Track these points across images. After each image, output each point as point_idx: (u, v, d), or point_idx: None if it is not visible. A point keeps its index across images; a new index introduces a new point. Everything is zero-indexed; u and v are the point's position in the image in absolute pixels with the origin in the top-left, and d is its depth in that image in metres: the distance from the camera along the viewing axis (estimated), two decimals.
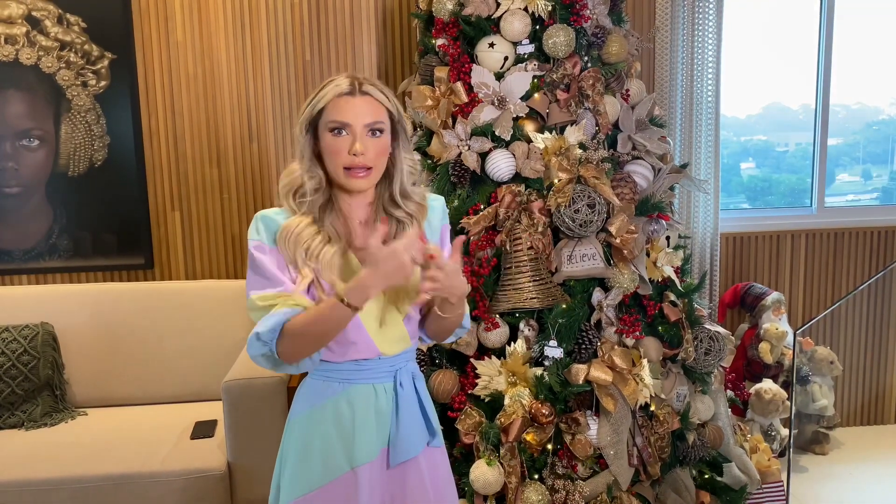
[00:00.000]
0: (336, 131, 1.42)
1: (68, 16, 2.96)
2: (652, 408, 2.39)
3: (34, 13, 2.94)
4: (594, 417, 2.32)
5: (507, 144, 2.42)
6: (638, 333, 2.38)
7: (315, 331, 1.39)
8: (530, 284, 2.32)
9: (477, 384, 2.32)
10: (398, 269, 1.35)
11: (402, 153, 1.50)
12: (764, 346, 3.14)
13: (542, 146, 2.39)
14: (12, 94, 2.97)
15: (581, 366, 2.30)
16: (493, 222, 2.37)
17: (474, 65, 2.45)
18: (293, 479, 1.51)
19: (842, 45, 3.41)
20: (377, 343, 1.48)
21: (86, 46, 2.99)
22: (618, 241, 2.36)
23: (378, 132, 1.44)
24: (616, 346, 2.35)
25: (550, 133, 2.41)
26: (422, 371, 2.10)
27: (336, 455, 1.48)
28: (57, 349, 2.84)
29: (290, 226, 1.44)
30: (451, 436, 2.32)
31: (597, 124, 2.47)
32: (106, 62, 3.01)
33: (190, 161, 3.10)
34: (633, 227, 2.39)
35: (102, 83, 3.02)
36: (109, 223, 3.09)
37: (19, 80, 2.97)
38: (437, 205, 1.59)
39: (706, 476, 2.49)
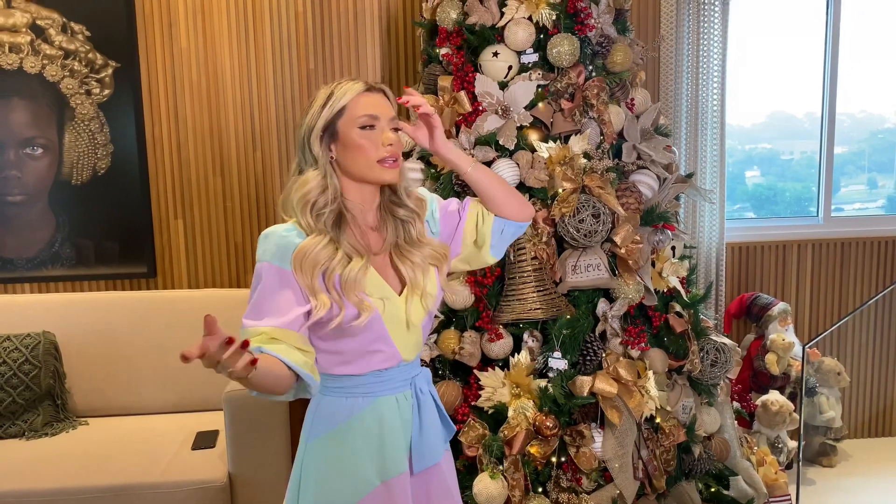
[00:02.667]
0: (367, 127, 1.41)
1: (72, 24, 2.96)
2: (657, 420, 2.36)
3: (38, 22, 2.94)
4: (599, 430, 2.29)
5: (510, 154, 2.40)
6: (643, 345, 2.35)
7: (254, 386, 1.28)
8: (534, 295, 2.30)
9: (480, 396, 2.30)
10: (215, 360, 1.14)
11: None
12: (770, 358, 3.11)
13: (546, 156, 2.38)
14: (16, 103, 2.97)
15: (586, 377, 2.28)
16: None
17: (478, 74, 2.44)
18: (317, 502, 1.46)
19: (847, 54, 3.40)
20: (400, 350, 1.45)
21: (90, 55, 2.99)
22: (623, 251, 2.34)
23: (396, 129, 1.45)
24: (621, 358, 2.32)
25: (554, 142, 2.40)
26: None
27: (366, 471, 1.44)
28: (58, 358, 2.83)
29: (305, 248, 1.37)
30: (453, 448, 2.28)
31: (601, 134, 2.46)
32: (110, 70, 3.01)
33: (193, 169, 3.10)
34: (639, 237, 2.37)
35: (106, 91, 3.02)
36: (112, 231, 3.08)
37: (23, 89, 2.97)
38: (427, 196, 1.58)
39: (712, 489, 2.46)
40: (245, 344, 1.13)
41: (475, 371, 2.33)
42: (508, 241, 1.60)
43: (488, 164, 2.39)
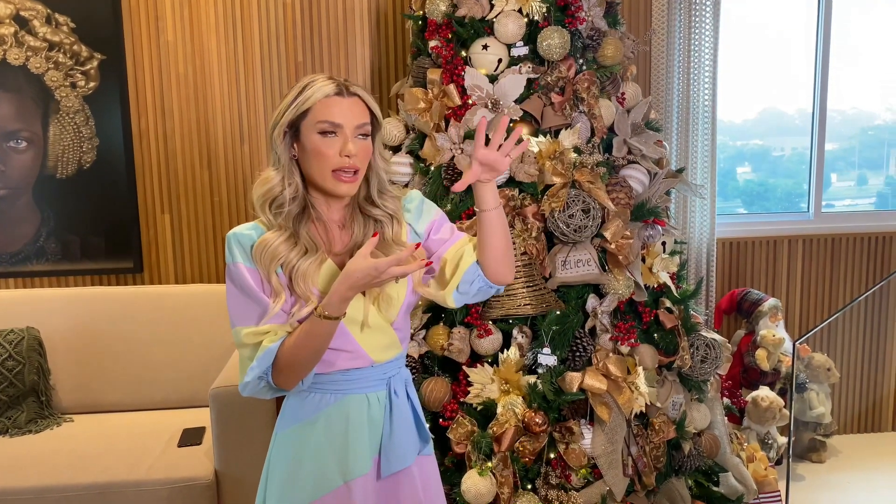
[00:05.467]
0: (325, 133, 1.37)
1: (57, 16, 2.92)
2: (647, 416, 2.35)
3: (22, 13, 2.90)
4: (588, 426, 2.28)
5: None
6: (633, 340, 2.34)
7: (305, 352, 1.36)
8: (524, 290, 2.28)
9: (469, 392, 2.29)
10: (373, 283, 1.32)
11: (377, 156, 1.47)
12: (761, 353, 3.11)
13: (536, 150, 2.36)
14: (0, 96, 2.93)
15: (575, 374, 2.26)
16: None
17: (468, 67, 2.41)
18: (282, 494, 1.46)
19: (837, 51, 3.39)
20: (367, 351, 1.44)
21: (75, 47, 2.95)
22: (613, 246, 2.32)
23: (365, 135, 1.41)
24: (611, 354, 2.31)
25: (544, 137, 2.38)
26: (413, 378, 2.06)
27: (328, 468, 1.44)
28: (43, 354, 2.80)
29: (265, 241, 1.38)
30: (442, 445, 2.28)
31: (592, 128, 2.44)
32: (95, 63, 2.97)
33: (180, 163, 3.06)
34: (629, 233, 2.36)
35: (91, 84, 2.98)
36: (98, 226, 3.05)
37: (7, 81, 2.92)
38: (412, 207, 1.53)
39: (702, 486, 2.46)
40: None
41: (464, 367, 2.32)
42: (472, 296, 1.51)
43: None
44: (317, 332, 1.34)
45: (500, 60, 2.41)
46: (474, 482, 2.17)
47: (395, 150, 2.58)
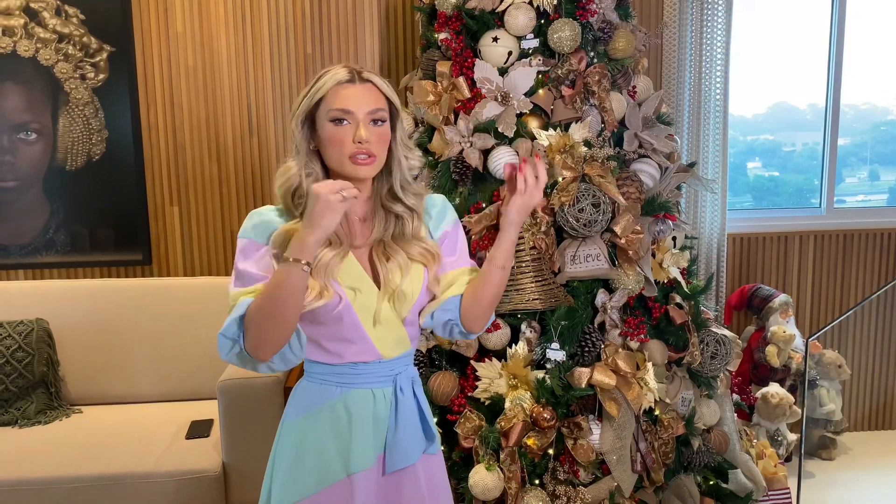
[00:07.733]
0: (338, 121, 1.37)
1: (67, 7, 2.92)
2: (656, 412, 2.34)
3: (32, 4, 2.90)
4: (597, 422, 2.27)
5: (510, 141, 2.37)
6: (642, 336, 2.33)
7: (271, 304, 1.30)
8: (533, 285, 2.27)
9: (477, 387, 2.28)
10: (325, 210, 1.26)
11: (399, 145, 1.45)
12: (771, 350, 3.09)
13: (546, 143, 2.34)
14: (9, 87, 2.93)
15: (584, 369, 2.25)
16: (495, 221, 2.32)
17: (477, 59, 2.40)
18: (286, 484, 1.47)
19: (851, 45, 3.36)
20: (377, 345, 1.44)
21: (84, 39, 2.95)
22: (623, 241, 2.31)
23: (380, 121, 1.40)
24: (620, 349, 2.30)
25: (555, 130, 2.36)
26: (420, 373, 2.06)
27: (332, 461, 1.44)
28: (52, 346, 2.81)
29: (289, 231, 1.38)
30: (450, 440, 2.27)
31: (602, 121, 2.42)
32: (104, 55, 2.97)
33: (189, 155, 3.06)
34: (639, 227, 2.34)
35: (101, 76, 2.98)
36: (107, 218, 3.05)
37: (17, 73, 2.93)
38: (433, 212, 1.52)
39: (711, 483, 2.44)
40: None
41: (472, 362, 2.31)
42: (438, 326, 1.51)
43: (487, 152, 2.36)
44: (283, 280, 1.29)
45: (510, 53, 2.39)
46: (482, 477, 2.16)
47: None
